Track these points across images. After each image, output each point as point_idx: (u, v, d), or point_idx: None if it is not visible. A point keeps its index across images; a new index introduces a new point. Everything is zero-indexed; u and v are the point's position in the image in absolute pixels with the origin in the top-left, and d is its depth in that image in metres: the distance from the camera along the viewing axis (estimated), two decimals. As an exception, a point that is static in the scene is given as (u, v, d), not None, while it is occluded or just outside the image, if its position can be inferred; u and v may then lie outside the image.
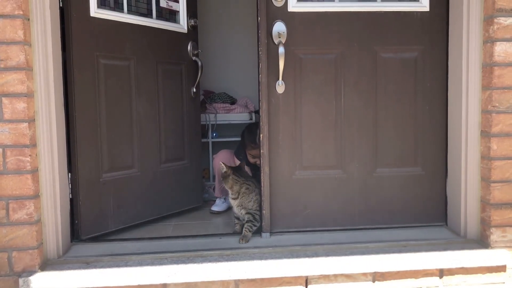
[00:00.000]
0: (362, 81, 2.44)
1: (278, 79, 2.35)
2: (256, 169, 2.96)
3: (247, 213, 2.42)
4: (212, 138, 3.86)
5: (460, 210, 2.38)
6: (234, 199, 2.46)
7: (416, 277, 2.20)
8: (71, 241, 2.34)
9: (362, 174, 2.47)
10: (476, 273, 2.22)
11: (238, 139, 3.87)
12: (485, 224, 2.28)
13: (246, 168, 2.94)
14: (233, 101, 4.09)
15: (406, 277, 2.19)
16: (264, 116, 2.36)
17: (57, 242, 2.16)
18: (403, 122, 2.48)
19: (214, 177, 3.87)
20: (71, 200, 2.36)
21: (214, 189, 3.39)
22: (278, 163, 2.42)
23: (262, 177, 2.38)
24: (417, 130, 2.49)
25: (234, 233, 2.48)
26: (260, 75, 2.34)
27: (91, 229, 2.42)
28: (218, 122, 3.88)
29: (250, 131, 2.96)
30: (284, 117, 2.41)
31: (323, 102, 2.43)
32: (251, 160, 2.93)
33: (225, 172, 2.48)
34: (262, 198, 2.39)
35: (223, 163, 2.47)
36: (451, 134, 2.45)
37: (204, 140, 3.71)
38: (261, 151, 2.37)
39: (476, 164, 2.31)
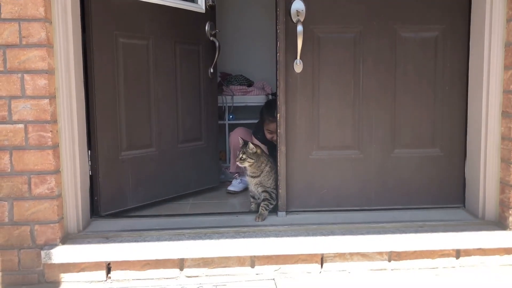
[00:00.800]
0: (381, 61, 2.42)
1: (296, 58, 2.34)
2: (272, 148, 2.96)
3: (264, 191, 2.44)
4: (228, 120, 3.87)
5: (478, 192, 2.36)
6: (255, 177, 2.47)
7: (432, 258, 2.19)
8: (91, 217, 2.39)
9: (379, 154, 2.46)
10: (494, 254, 2.21)
11: (255, 121, 3.86)
12: (504, 206, 2.26)
13: (263, 147, 2.95)
14: (250, 84, 4.09)
15: (422, 257, 2.19)
16: (282, 95, 2.35)
17: (77, 217, 2.21)
18: (422, 103, 2.45)
19: (229, 159, 3.90)
20: (91, 177, 2.40)
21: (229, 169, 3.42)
22: (295, 143, 2.42)
23: (278, 157, 2.39)
24: (436, 111, 2.46)
25: (250, 212, 2.50)
26: (278, 54, 2.33)
27: (110, 206, 2.47)
28: (234, 104, 3.89)
29: (269, 106, 2.97)
30: (302, 97, 2.40)
31: (341, 81, 2.41)
32: (269, 136, 2.94)
33: (256, 152, 2.47)
34: (279, 177, 2.40)
35: (253, 143, 2.47)
36: (471, 115, 2.42)
37: (220, 122, 3.72)
38: (278, 130, 2.38)
39: (496, 145, 2.28)
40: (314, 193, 2.46)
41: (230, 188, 3.08)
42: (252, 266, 2.15)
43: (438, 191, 2.50)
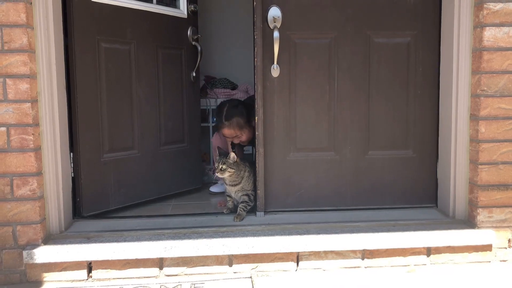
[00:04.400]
0: (355, 65, 2.50)
1: (273, 63, 2.42)
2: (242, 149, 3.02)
3: (244, 194, 2.50)
4: (212, 122, 3.94)
5: (449, 192, 2.45)
6: (235, 185, 2.51)
7: (404, 255, 2.28)
8: (73, 218, 2.44)
9: (354, 156, 2.55)
10: (463, 252, 2.30)
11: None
12: (472, 205, 2.35)
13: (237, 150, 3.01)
14: (234, 87, 4.16)
15: (395, 255, 2.28)
16: (259, 99, 2.43)
17: (59, 218, 2.26)
18: (395, 106, 2.54)
19: (212, 160, 3.97)
20: (73, 178, 2.45)
21: (213, 171, 3.48)
22: (273, 145, 2.49)
23: (257, 158, 2.46)
24: (409, 114, 2.55)
25: (231, 213, 2.56)
26: (255, 59, 2.40)
27: (92, 207, 2.52)
28: (218, 107, 3.95)
29: (218, 110, 2.95)
30: (279, 100, 2.48)
31: (317, 85, 2.50)
32: (228, 140, 2.98)
33: (236, 161, 2.49)
34: (257, 178, 2.47)
35: (234, 153, 2.49)
36: (442, 118, 2.51)
37: (204, 124, 3.79)
38: (256, 132, 2.45)
39: (465, 147, 2.37)
40: (292, 194, 2.54)
41: (212, 189, 3.14)
42: (230, 265, 2.21)
43: (411, 191, 2.59)
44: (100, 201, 2.56)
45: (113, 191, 2.62)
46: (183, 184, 3.08)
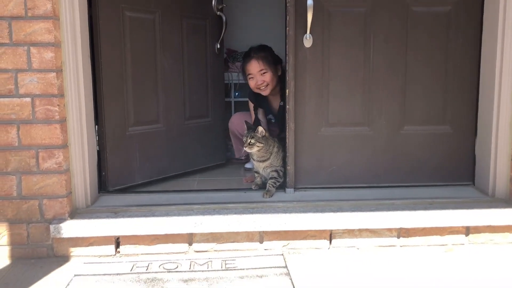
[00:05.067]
0: (392, 36, 2.37)
1: (306, 32, 2.30)
2: (261, 106, 2.93)
3: (273, 170, 2.41)
4: (234, 97, 3.84)
5: (489, 169, 2.34)
6: (264, 161, 2.42)
7: (441, 234, 2.19)
8: (99, 192, 2.38)
9: (389, 131, 2.44)
10: (504, 231, 2.20)
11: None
12: (514, 183, 2.25)
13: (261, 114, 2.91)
14: (241, 66, 4.03)
15: (432, 234, 2.19)
16: (291, 70, 2.32)
17: (85, 192, 2.20)
18: (433, 79, 2.42)
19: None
20: (98, 152, 2.38)
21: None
22: (304, 119, 2.39)
23: (287, 133, 2.36)
24: (447, 87, 2.43)
25: (259, 189, 2.48)
26: (287, 28, 2.29)
27: (118, 181, 2.46)
28: (240, 82, 3.85)
29: (246, 52, 2.84)
30: (311, 72, 2.37)
31: (351, 57, 2.38)
32: (252, 84, 2.80)
33: (265, 135, 2.39)
34: (287, 154, 2.38)
35: (263, 128, 2.38)
36: (483, 92, 2.38)
37: (226, 99, 3.69)
38: (287, 106, 2.35)
39: (508, 122, 2.25)
40: (323, 170, 2.44)
41: (248, 165, 3.07)
42: (261, 241, 2.15)
43: (447, 168, 2.48)
44: (125, 176, 2.50)
45: (139, 165, 2.55)
46: (207, 159, 3.01)
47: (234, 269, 1.97)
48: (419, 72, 2.41)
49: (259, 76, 2.75)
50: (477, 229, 2.19)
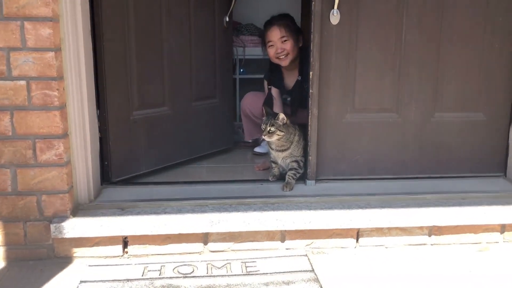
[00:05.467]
0: (426, 14, 2.15)
1: (333, 8, 2.06)
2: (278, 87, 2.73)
3: (293, 161, 2.21)
4: (239, 74, 3.60)
5: (524, 161, 2.17)
6: (283, 150, 2.21)
7: (475, 232, 2.03)
8: (101, 184, 2.16)
9: (418, 118, 2.24)
10: (541, 229, 2.05)
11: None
12: (554, 178, 2.09)
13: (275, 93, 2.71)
14: (261, 34, 3.77)
15: (465, 232, 2.03)
16: (316, 50, 2.09)
17: (88, 186, 1.98)
18: (468, 62, 2.21)
19: (240, 117, 3.66)
20: (100, 139, 2.15)
21: (243, 130, 3.18)
22: (328, 105, 2.18)
23: (310, 120, 2.15)
24: (482, 71, 2.23)
25: (276, 180, 2.28)
26: (313, 2, 2.04)
27: (122, 171, 2.24)
28: (247, 57, 3.60)
29: (267, 21, 2.64)
30: (337, 52, 2.14)
31: (381, 36, 2.15)
32: (271, 53, 2.62)
33: (286, 123, 2.15)
34: (309, 143, 2.17)
35: (283, 114, 2.15)
36: (522, 77, 2.19)
37: (231, 76, 3.45)
38: (310, 90, 2.13)
39: (550, 111, 2.07)
40: (346, 160, 2.25)
41: (257, 149, 2.86)
42: (282, 240, 1.97)
43: (478, 158, 2.31)
44: (130, 164, 2.27)
45: (144, 152, 2.33)
46: (215, 144, 2.79)
47: (257, 274, 1.79)
48: (453, 53, 2.20)
49: (279, 44, 2.55)
50: (514, 227, 2.04)
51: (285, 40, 2.54)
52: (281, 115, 2.11)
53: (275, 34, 2.55)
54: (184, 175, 2.41)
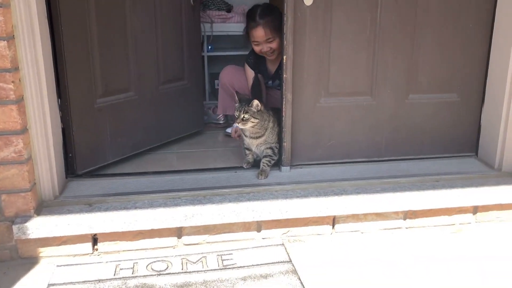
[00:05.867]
0: (401, -8, 2.09)
1: (307, -12, 1.97)
2: (260, 73, 2.63)
3: (268, 147, 2.15)
4: (207, 51, 3.47)
5: (497, 141, 2.18)
6: (258, 137, 2.13)
7: (449, 214, 2.05)
8: (66, 177, 2.05)
9: (393, 101, 2.21)
10: (511, 208, 2.08)
11: (236, 53, 3.51)
12: (524, 158, 2.11)
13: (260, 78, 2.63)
14: (229, 9, 3.64)
15: (439, 214, 2.04)
16: (289, 33, 2.00)
17: (52, 181, 1.87)
18: (443, 42, 2.18)
19: (210, 95, 3.56)
20: (63, 130, 2.02)
21: (213, 109, 3.09)
22: (302, 89, 2.11)
23: (283, 106, 2.08)
24: (456, 51, 2.20)
25: (251, 168, 2.21)
26: (285, -17, 1.95)
27: (87, 162, 2.13)
28: (214, 34, 3.47)
29: (250, 12, 2.53)
30: (311, 35, 2.06)
31: (356, 18, 2.08)
32: (257, 48, 2.53)
33: (260, 109, 2.07)
34: (283, 129, 2.11)
35: (258, 100, 2.06)
36: (495, 55, 2.18)
37: (199, 54, 3.32)
38: (284, 75, 2.05)
39: (522, 92, 2.08)
40: (321, 145, 2.21)
41: (229, 130, 2.79)
42: (259, 230, 1.93)
43: (451, 139, 2.31)
44: (96, 155, 2.16)
45: (110, 141, 2.22)
46: (184, 127, 2.70)
47: (234, 267, 1.75)
48: (428, 34, 2.16)
49: (265, 44, 2.46)
50: (486, 208, 2.07)
51: (271, 40, 2.45)
52: (255, 102, 2.03)
53: (260, 35, 2.45)
54: (154, 164, 2.32)
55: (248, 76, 2.67)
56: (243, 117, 2.02)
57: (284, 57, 2.02)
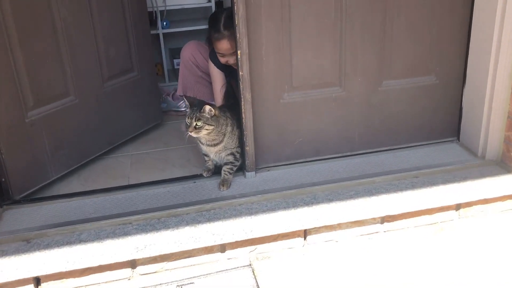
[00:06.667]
0: (369, -35, 1.80)
1: (258, -32, 1.67)
2: (230, 75, 2.37)
3: (229, 154, 1.91)
4: (162, 28, 3.13)
5: (480, 126, 1.99)
6: (215, 144, 1.88)
7: (430, 214, 1.89)
8: (1, 206, 1.80)
9: (365, 89, 1.98)
10: (496, 201, 1.93)
11: (195, 27, 3.20)
12: (510, 145, 1.92)
13: (219, 77, 2.38)
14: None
15: (419, 215, 1.88)
16: (242, 24, 1.72)
17: (-20, 218, 1.63)
18: (418, 20, 1.92)
19: (169, 77, 3.26)
20: (-10, 153, 1.76)
21: (173, 95, 2.82)
22: (262, 86, 1.86)
23: (243, 107, 1.83)
24: (433, 29, 1.96)
25: (211, 175, 1.98)
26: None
27: (25, 185, 1.88)
28: (168, 8, 3.12)
29: (212, 19, 2.27)
30: (268, 22, 1.78)
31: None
32: (222, 60, 2.29)
33: (214, 114, 1.81)
34: (244, 132, 1.88)
35: (210, 105, 1.79)
36: (476, 34, 1.94)
37: (153, 32, 3.00)
38: (240, 73, 1.79)
39: (508, 72, 1.85)
40: (288, 144, 1.99)
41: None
42: (223, 251, 1.74)
43: (429, 124, 2.11)
44: (34, 175, 1.91)
45: (50, 156, 1.96)
46: (140, 123, 2.44)
47: (195, 300, 1.57)
48: (401, 12, 1.89)
49: (231, 56, 2.20)
50: (469, 203, 1.90)
51: None
52: (207, 107, 1.77)
53: (226, 48, 2.19)
54: (104, 174, 2.09)
55: (215, 77, 2.38)
56: (196, 124, 1.76)
57: (239, 52, 1.75)
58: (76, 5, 1.99)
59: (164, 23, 3.12)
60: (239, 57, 1.76)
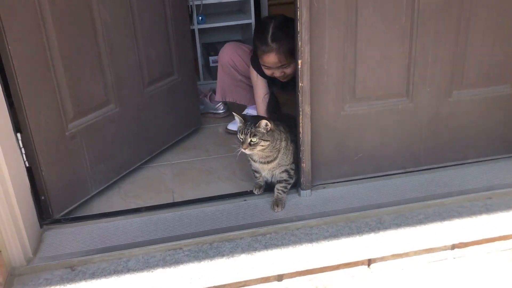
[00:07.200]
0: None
1: (325, -30, 1.49)
2: (274, 83, 2.21)
3: (283, 171, 1.75)
4: (198, 23, 2.96)
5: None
6: (269, 162, 1.71)
7: (505, 239, 1.70)
8: (41, 226, 1.68)
9: (433, 101, 1.80)
10: None
11: (232, 22, 3.02)
12: None
13: (261, 83, 2.21)
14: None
15: (493, 241, 1.70)
16: (304, 31, 1.55)
17: (22, 243, 1.51)
18: (495, 25, 1.73)
19: (204, 75, 3.10)
20: (29, 169, 1.63)
21: (210, 96, 2.66)
22: (322, 98, 1.69)
23: (301, 120, 1.67)
24: (511, 34, 1.75)
25: (263, 193, 1.82)
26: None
27: (65, 202, 1.75)
28: (204, 2, 2.94)
29: (258, 29, 2.10)
30: (332, 30, 1.60)
31: (388, 2, 1.61)
32: (268, 72, 2.13)
33: (270, 129, 1.64)
34: (301, 148, 1.71)
35: (267, 119, 1.62)
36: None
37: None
38: (300, 84, 1.62)
39: None
40: (346, 159, 1.82)
41: (231, 126, 2.38)
42: (280, 279, 1.58)
43: (502, 138, 1.92)
44: (75, 191, 1.78)
45: (91, 170, 1.82)
46: (179, 130, 2.30)
47: None
48: (478, 16, 1.70)
49: (278, 69, 2.04)
50: (549, 227, 1.72)
51: (286, 67, 2.02)
52: (263, 121, 1.60)
53: (273, 62, 2.01)
54: (146, 187, 1.95)
55: (257, 85, 2.21)
56: (251, 141, 1.60)
57: (299, 61, 1.58)
58: (115, 6, 1.83)
59: (200, 17, 2.95)
60: (299, 67, 1.59)
